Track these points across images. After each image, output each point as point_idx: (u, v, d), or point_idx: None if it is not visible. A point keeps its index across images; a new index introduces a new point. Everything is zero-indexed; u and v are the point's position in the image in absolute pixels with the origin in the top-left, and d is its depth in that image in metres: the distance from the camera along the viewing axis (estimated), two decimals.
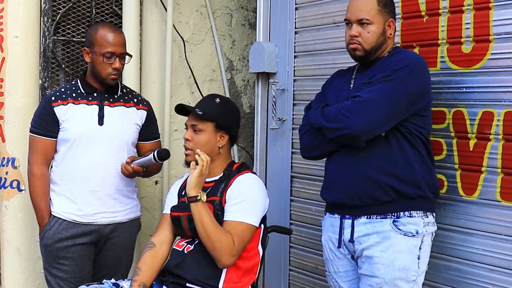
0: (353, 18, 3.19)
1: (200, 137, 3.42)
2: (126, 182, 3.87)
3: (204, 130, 3.42)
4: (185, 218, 3.39)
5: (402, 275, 3.08)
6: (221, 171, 3.48)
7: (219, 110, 3.48)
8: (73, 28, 4.87)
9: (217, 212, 3.34)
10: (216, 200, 3.36)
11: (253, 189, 3.39)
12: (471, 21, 3.33)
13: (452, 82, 3.42)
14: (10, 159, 4.47)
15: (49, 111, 3.72)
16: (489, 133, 3.26)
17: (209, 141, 3.42)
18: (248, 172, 3.49)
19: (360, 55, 3.21)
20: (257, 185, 3.44)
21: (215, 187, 3.42)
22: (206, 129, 3.42)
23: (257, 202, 3.38)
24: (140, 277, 3.35)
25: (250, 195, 3.35)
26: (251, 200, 3.35)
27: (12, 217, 4.51)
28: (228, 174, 3.45)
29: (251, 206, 3.33)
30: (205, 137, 3.42)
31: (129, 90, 4.02)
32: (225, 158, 3.52)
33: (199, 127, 3.42)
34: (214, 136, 3.44)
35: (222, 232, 3.23)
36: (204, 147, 3.40)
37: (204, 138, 3.42)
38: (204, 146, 3.40)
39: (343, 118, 3.06)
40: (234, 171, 3.46)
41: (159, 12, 5.04)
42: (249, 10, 5.71)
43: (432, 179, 3.19)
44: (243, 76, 5.71)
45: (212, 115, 3.43)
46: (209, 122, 3.43)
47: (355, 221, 3.19)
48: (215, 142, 3.44)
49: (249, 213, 3.30)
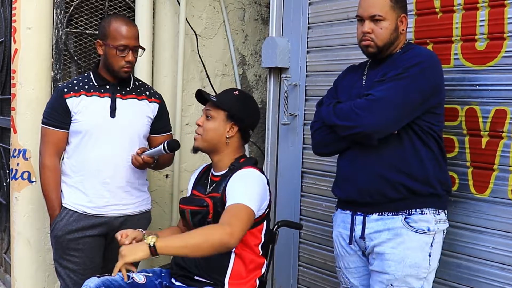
0: (366, 14, 3.17)
1: (210, 123, 3.43)
2: (138, 175, 3.87)
3: (215, 117, 3.44)
4: (188, 212, 3.42)
5: (413, 272, 3.07)
6: (227, 166, 3.47)
7: (233, 101, 3.49)
8: (86, 20, 4.88)
9: (217, 208, 3.33)
10: (217, 197, 3.36)
11: (250, 178, 3.35)
12: (486, 18, 3.31)
13: (465, 79, 3.41)
14: (21, 150, 4.48)
15: (61, 103, 3.72)
16: (502, 131, 3.24)
17: (217, 129, 3.43)
18: (250, 167, 3.44)
19: (373, 51, 3.19)
20: (255, 179, 3.38)
21: (219, 183, 3.42)
22: (217, 116, 3.44)
23: (253, 189, 3.30)
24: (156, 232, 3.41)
25: (246, 185, 3.31)
26: (245, 186, 3.30)
27: (22, 209, 4.53)
28: (233, 169, 3.44)
29: (246, 190, 3.27)
30: (215, 124, 3.43)
31: (142, 83, 4.02)
32: (234, 152, 3.50)
33: (211, 113, 3.44)
34: (223, 125, 3.44)
35: (206, 229, 3.15)
36: (211, 134, 3.43)
37: (213, 125, 3.43)
38: (211, 133, 3.43)
39: (355, 117, 3.04)
40: (237, 166, 3.44)
41: (172, 6, 5.04)
42: (262, 5, 5.70)
43: (444, 177, 3.18)
44: (255, 71, 5.71)
45: (225, 104, 3.45)
46: (221, 110, 3.44)
47: (367, 218, 3.18)
48: (223, 131, 3.44)
49: (244, 196, 3.23)
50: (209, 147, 3.47)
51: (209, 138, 3.43)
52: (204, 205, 3.37)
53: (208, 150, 3.49)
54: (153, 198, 4.63)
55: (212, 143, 3.44)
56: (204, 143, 3.45)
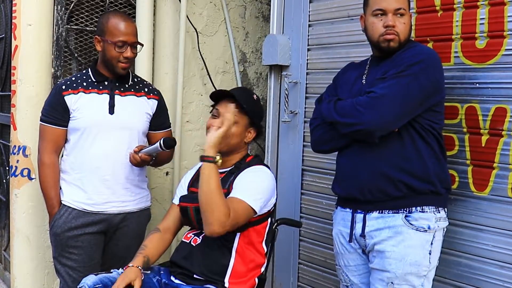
0: (390, 7, 3.11)
1: (237, 128, 3.40)
2: (137, 172, 3.87)
3: (240, 122, 3.42)
4: (192, 209, 3.39)
5: (413, 270, 3.06)
6: (232, 164, 3.48)
7: (254, 106, 3.49)
8: (86, 17, 4.88)
9: None
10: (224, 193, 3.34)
11: (260, 177, 3.37)
12: (486, 17, 3.31)
13: (465, 77, 3.40)
14: (21, 147, 4.48)
15: (59, 100, 3.72)
16: (502, 129, 3.24)
17: (240, 134, 3.43)
18: (260, 165, 3.47)
19: (394, 46, 3.14)
20: (265, 175, 3.40)
21: (224, 179, 3.40)
22: (241, 122, 3.42)
23: (262, 189, 3.32)
24: (145, 251, 3.38)
25: (256, 181, 3.33)
26: (256, 185, 3.31)
27: (22, 206, 4.53)
28: (239, 166, 3.44)
29: (254, 190, 3.28)
30: (239, 129, 3.42)
31: (140, 79, 4.02)
32: (242, 151, 3.52)
33: (237, 118, 3.39)
34: (245, 130, 3.45)
35: (224, 200, 3.13)
36: (236, 140, 3.41)
37: (239, 131, 3.41)
38: (235, 138, 3.40)
39: (357, 114, 3.03)
40: (245, 164, 3.45)
41: (173, 3, 5.03)
42: (263, 2, 5.70)
43: (444, 175, 3.18)
44: (256, 69, 5.70)
45: (250, 110, 3.45)
46: (245, 116, 3.43)
47: (367, 216, 3.18)
48: (244, 136, 3.46)
49: (251, 195, 3.25)
50: (228, 150, 3.42)
51: (233, 143, 3.41)
52: None
53: (225, 152, 3.40)
54: (153, 195, 4.63)
55: (233, 147, 3.44)
56: (226, 147, 3.37)
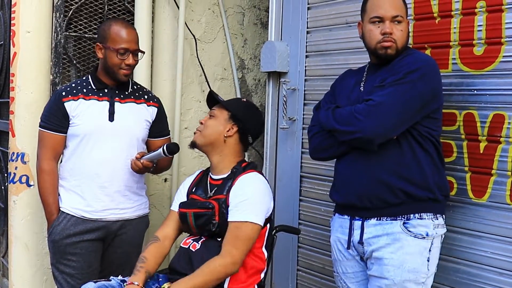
0: (388, 14, 3.11)
1: (211, 120, 3.52)
2: (136, 179, 3.87)
3: (218, 116, 3.52)
4: (191, 215, 3.41)
5: (412, 277, 3.06)
6: (230, 169, 3.49)
7: (238, 105, 3.60)
8: (85, 24, 4.87)
9: (223, 210, 3.35)
10: (222, 199, 3.38)
11: (255, 188, 3.39)
12: (484, 23, 3.31)
13: (463, 84, 3.41)
14: (19, 154, 4.47)
15: (59, 106, 3.72)
16: (500, 136, 3.24)
17: (217, 126, 3.49)
18: (253, 171, 3.48)
19: (392, 53, 3.14)
20: (260, 184, 3.43)
21: (222, 185, 3.44)
22: (220, 115, 3.52)
23: (259, 201, 3.37)
24: (146, 265, 3.38)
25: (252, 194, 3.35)
26: (252, 199, 3.34)
27: (20, 212, 4.52)
28: (235, 172, 3.45)
29: (253, 205, 3.32)
30: (216, 122, 3.50)
31: (140, 86, 4.02)
32: (235, 156, 3.53)
33: (215, 112, 3.54)
34: (224, 123, 3.50)
35: (211, 265, 3.23)
36: (210, 130, 3.49)
37: (214, 123, 3.50)
38: (210, 129, 3.49)
39: (356, 122, 3.03)
40: (240, 169, 3.47)
41: (172, 10, 5.04)
42: (261, 9, 5.70)
43: (442, 182, 3.18)
44: (254, 75, 5.70)
45: (230, 105, 3.55)
46: (224, 110, 3.52)
47: (365, 223, 3.17)
48: (223, 129, 3.49)
49: (252, 212, 3.30)
50: (206, 144, 3.50)
51: (207, 133, 3.48)
52: (209, 207, 3.37)
53: (206, 148, 3.52)
54: (152, 202, 4.63)
55: (209, 139, 3.48)
56: (201, 138, 3.50)
